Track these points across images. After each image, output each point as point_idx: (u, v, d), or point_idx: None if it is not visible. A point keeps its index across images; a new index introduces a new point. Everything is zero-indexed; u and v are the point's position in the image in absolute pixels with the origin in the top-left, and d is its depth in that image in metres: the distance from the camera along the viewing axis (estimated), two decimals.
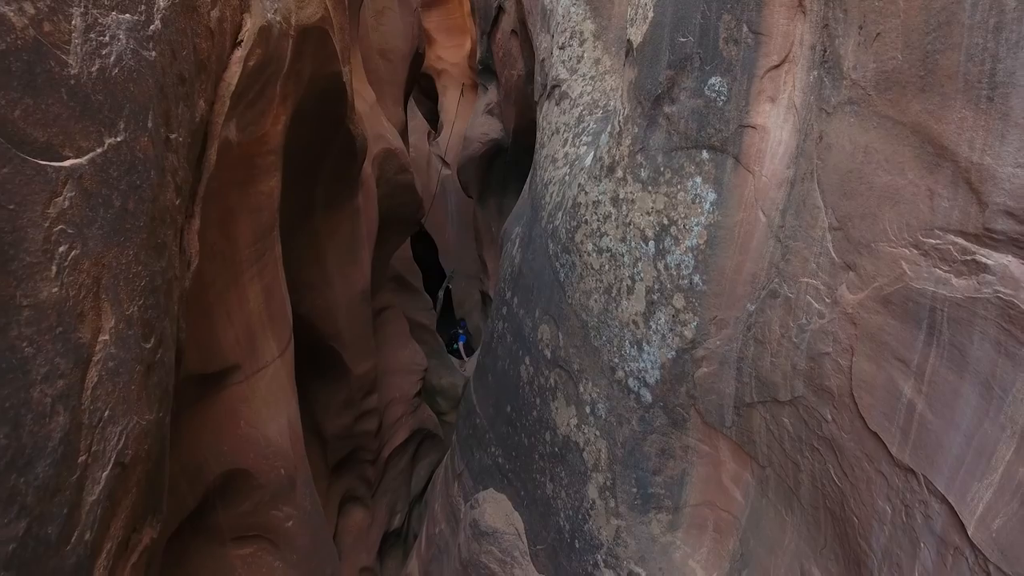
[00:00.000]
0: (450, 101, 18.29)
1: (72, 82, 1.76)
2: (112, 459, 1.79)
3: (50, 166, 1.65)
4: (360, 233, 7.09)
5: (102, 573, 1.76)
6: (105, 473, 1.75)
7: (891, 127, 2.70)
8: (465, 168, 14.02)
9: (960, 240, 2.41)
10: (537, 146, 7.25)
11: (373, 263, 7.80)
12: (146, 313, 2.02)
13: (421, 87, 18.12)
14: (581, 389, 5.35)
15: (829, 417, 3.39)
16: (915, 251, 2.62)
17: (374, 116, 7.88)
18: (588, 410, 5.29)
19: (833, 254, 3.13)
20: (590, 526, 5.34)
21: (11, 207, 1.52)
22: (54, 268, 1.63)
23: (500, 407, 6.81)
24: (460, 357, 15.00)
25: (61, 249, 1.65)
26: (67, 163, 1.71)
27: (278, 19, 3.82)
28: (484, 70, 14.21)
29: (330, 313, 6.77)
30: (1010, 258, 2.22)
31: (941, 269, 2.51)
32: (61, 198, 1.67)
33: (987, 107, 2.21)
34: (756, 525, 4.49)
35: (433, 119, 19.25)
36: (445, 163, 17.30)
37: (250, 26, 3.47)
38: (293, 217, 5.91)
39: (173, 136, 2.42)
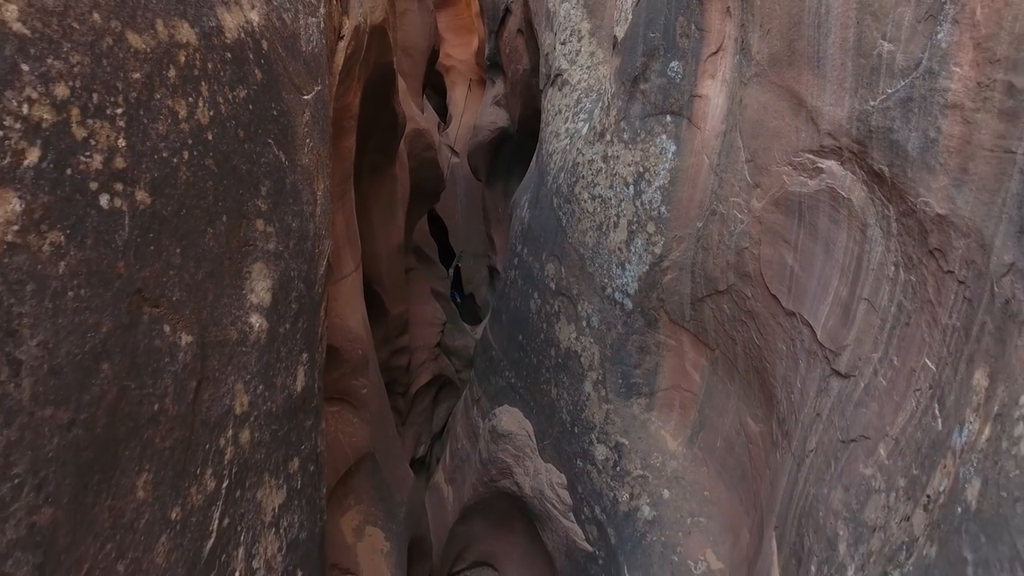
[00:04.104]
0: (458, 95, 19.81)
1: (303, 55, 3.27)
2: (325, 259, 3.30)
3: (302, 98, 3.16)
4: (397, 196, 8.59)
5: (323, 291, 3.27)
6: (323, 263, 3.26)
7: (776, 90, 4.21)
8: (475, 153, 15.52)
9: (810, 156, 3.92)
10: (542, 126, 8.72)
11: (405, 225, 9.30)
12: (331, 188, 3.53)
13: (431, 82, 19.62)
14: (579, 308, 6.85)
15: (749, 294, 4.88)
16: (790, 167, 4.13)
17: (405, 102, 9.39)
18: (584, 324, 6.79)
19: (748, 178, 4.63)
20: (586, 414, 6.84)
21: (291, 115, 3.03)
22: (305, 149, 3.14)
23: (513, 337, 8.30)
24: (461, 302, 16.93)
25: (307, 140, 3.16)
26: (305, 97, 3.22)
27: (362, 20, 5.31)
28: (492, 65, 15.71)
29: (374, 260, 8.27)
30: (832, 162, 3.73)
31: (802, 176, 4.02)
32: (306, 114, 3.18)
33: (817, 72, 3.71)
34: (709, 398, 5.99)
35: (442, 112, 20.76)
36: (454, 152, 18.81)
37: (348, 25, 4.96)
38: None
39: (327, 92, 3.92)
